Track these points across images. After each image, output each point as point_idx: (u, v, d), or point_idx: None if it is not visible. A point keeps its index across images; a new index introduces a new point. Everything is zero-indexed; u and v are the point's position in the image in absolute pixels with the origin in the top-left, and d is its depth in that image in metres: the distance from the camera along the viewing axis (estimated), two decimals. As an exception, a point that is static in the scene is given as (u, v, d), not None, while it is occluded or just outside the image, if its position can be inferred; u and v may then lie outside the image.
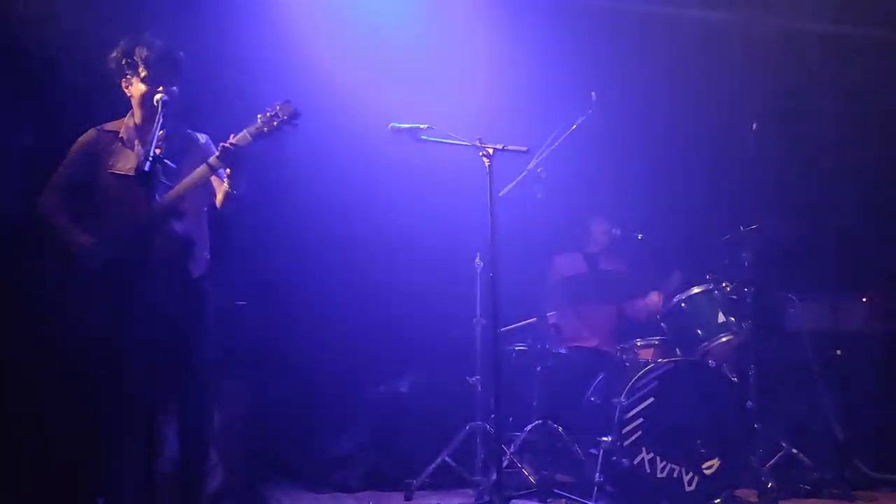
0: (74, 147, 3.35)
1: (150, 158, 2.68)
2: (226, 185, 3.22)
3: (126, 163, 3.22)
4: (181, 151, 3.25)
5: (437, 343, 4.82)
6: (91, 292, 3.15)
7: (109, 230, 3.18)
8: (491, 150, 3.65)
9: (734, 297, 4.38)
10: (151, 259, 2.82)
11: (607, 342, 4.96)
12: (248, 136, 3.14)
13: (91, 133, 3.35)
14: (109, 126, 3.35)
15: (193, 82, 3.37)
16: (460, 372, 4.51)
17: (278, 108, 3.14)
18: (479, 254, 4.47)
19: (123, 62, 3.24)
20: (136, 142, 3.27)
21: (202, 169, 3.16)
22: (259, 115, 3.16)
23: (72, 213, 3.27)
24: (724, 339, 4.29)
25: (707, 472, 3.96)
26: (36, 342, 3.87)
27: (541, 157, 4.23)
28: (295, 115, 3.14)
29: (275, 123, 3.13)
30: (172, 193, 3.14)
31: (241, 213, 3.37)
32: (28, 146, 4.23)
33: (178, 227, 3.20)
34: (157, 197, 2.87)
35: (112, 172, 3.23)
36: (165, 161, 2.83)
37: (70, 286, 3.22)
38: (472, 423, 4.34)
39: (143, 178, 2.67)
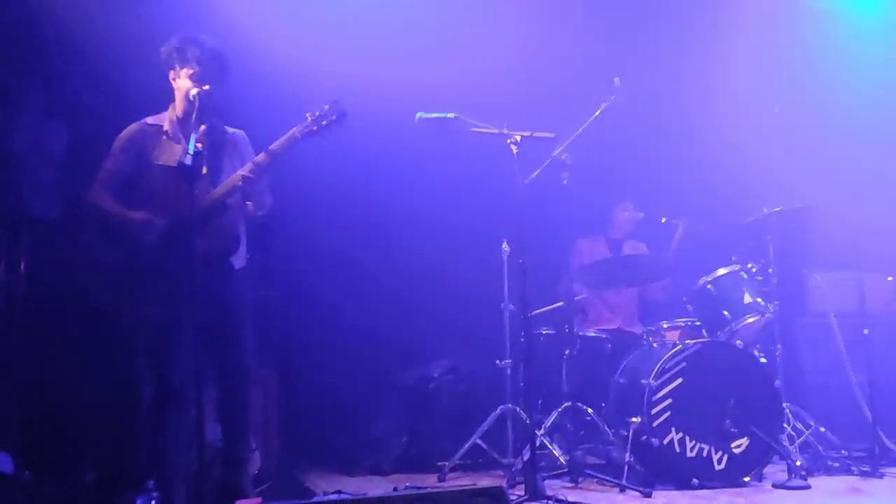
0: (118, 140, 3.44)
1: (192, 153, 2.76)
2: (249, 206, 3.34)
3: (171, 155, 3.31)
4: (220, 148, 3.34)
5: (466, 328, 4.91)
6: (143, 280, 3.25)
7: (159, 218, 3.28)
8: (519, 138, 3.70)
9: (760, 278, 4.43)
10: (199, 250, 2.91)
11: (629, 323, 5.02)
12: (296, 134, 3.22)
13: (134, 127, 3.44)
14: (152, 120, 3.45)
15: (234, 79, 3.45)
16: (490, 356, 4.59)
17: (327, 107, 3.23)
18: (505, 240, 4.54)
19: (175, 55, 3.33)
20: (180, 135, 3.36)
21: (236, 177, 3.26)
22: (308, 114, 3.24)
23: (120, 203, 3.38)
24: (750, 320, 4.33)
25: (736, 450, 4.02)
26: (91, 328, 4.02)
27: (566, 144, 4.26)
28: (343, 115, 3.22)
29: (324, 122, 3.22)
30: (220, 189, 3.24)
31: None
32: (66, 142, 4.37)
33: (225, 221, 3.30)
34: (197, 190, 2.95)
35: (158, 164, 3.33)
36: (206, 155, 2.91)
37: (122, 274, 3.32)
38: (503, 406, 4.42)
39: (186, 172, 2.76)
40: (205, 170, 2.94)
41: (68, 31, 4.45)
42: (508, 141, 3.72)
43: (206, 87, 3.28)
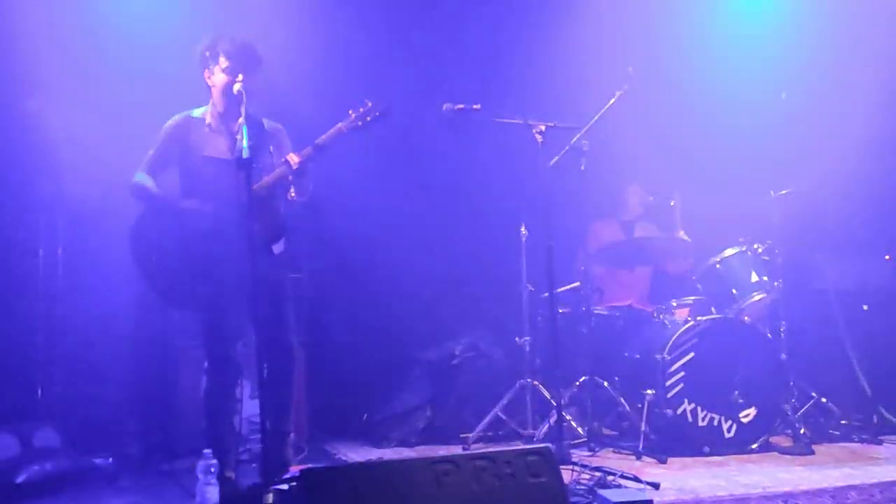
0: (164, 130, 3.62)
1: (248, 146, 2.95)
2: (292, 192, 3.49)
3: (217, 147, 3.49)
4: (262, 140, 3.52)
5: (487, 308, 5.12)
6: (194, 260, 3.44)
7: (208, 207, 3.47)
8: (543, 128, 3.90)
9: (766, 257, 4.67)
10: (248, 236, 3.11)
11: (641, 301, 5.24)
12: (342, 129, 3.39)
13: (178, 118, 3.62)
14: (195, 112, 3.63)
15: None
16: (510, 334, 4.82)
17: (370, 104, 3.37)
18: (524, 223, 4.74)
19: (207, 54, 3.50)
20: (223, 128, 3.54)
21: (282, 169, 3.44)
22: (351, 111, 3.40)
23: (163, 189, 3.57)
24: (757, 298, 4.59)
25: (744, 420, 4.28)
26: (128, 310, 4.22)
27: (583, 131, 4.45)
28: (387, 111, 3.37)
29: (368, 118, 3.37)
30: (268, 179, 3.43)
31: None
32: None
33: (271, 208, 3.49)
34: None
35: (205, 156, 3.51)
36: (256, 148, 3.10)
37: (175, 255, 3.49)
38: (522, 381, 4.65)
39: (244, 165, 2.95)
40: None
41: (104, 19, 4.62)
42: (534, 131, 3.91)
43: (240, 78, 3.40)
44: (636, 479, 3.41)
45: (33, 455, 4.10)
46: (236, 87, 3.40)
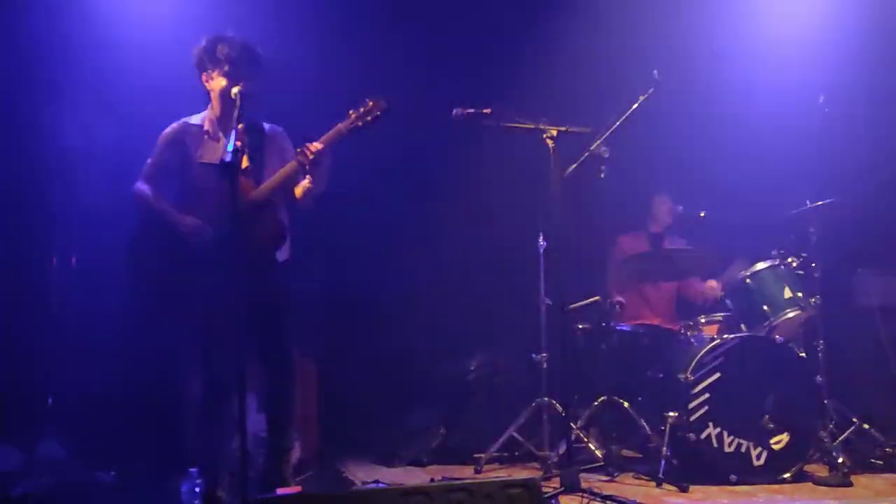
0: (161, 138, 3.55)
1: (233, 150, 2.84)
2: (307, 182, 3.37)
3: (214, 153, 3.40)
4: (260, 143, 3.42)
5: (503, 322, 4.94)
6: (192, 274, 3.34)
7: (206, 215, 3.37)
8: (555, 133, 3.71)
9: (801, 272, 4.37)
10: (247, 244, 3.00)
11: (668, 320, 4.99)
12: (342, 130, 3.27)
13: (176, 125, 3.54)
14: (193, 119, 3.54)
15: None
16: (526, 350, 4.62)
17: (371, 103, 3.25)
18: (541, 234, 4.55)
19: (205, 58, 3.41)
20: (220, 134, 3.45)
21: (291, 165, 3.33)
22: (351, 111, 3.28)
23: (164, 198, 3.49)
24: (791, 315, 4.29)
25: (776, 447, 3.98)
26: (140, 319, 4.16)
27: (603, 138, 4.25)
28: (385, 110, 3.25)
29: (368, 119, 3.25)
30: (267, 185, 3.32)
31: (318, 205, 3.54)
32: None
33: (271, 214, 3.38)
34: (242, 186, 3.03)
35: (201, 162, 3.43)
36: (249, 153, 2.99)
37: (172, 268, 3.41)
38: (539, 399, 4.44)
39: (226, 169, 2.84)
40: (246, 162, 3.00)
41: (118, 27, 4.61)
42: (545, 136, 3.73)
43: (241, 83, 3.29)
44: (650, 510, 3.17)
45: (36, 467, 4.06)
46: (234, 90, 3.30)
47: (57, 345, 4.61)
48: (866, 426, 4.32)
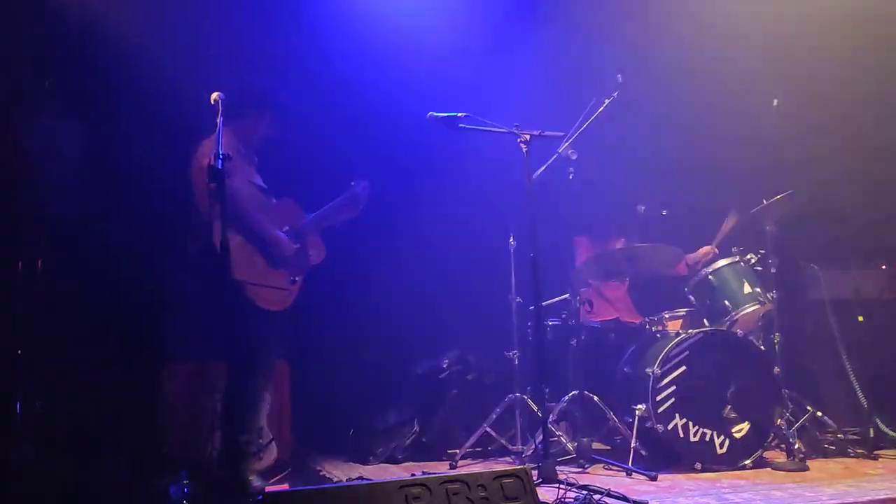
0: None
1: (222, 156, 2.88)
2: None
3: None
4: None
5: (475, 321, 5.04)
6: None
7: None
8: (528, 137, 3.82)
9: (759, 268, 4.58)
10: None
11: (627, 314, 5.15)
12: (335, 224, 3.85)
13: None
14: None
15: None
16: (498, 347, 4.73)
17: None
18: (512, 235, 4.66)
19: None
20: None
21: None
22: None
23: None
24: (750, 310, 4.49)
25: (737, 435, 4.18)
26: (110, 324, 4.14)
27: (570, 140, 4.38)
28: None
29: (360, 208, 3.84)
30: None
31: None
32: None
33: None
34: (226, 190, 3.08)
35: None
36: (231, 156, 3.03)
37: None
38: (511, 395, 4.56)
39: (213, 175, 2.87)
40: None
41: (87, 31, 4.55)
42: (518, 140, 3.84)
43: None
44: (624, 498, 3.31)
45: (10, 474, 4.01)
46: (214, 95, 3.34)
47: (27, 347, 4.55)
48: (820, 414, 4.56)
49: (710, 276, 4.58)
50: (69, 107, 4.54)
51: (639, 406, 4.21)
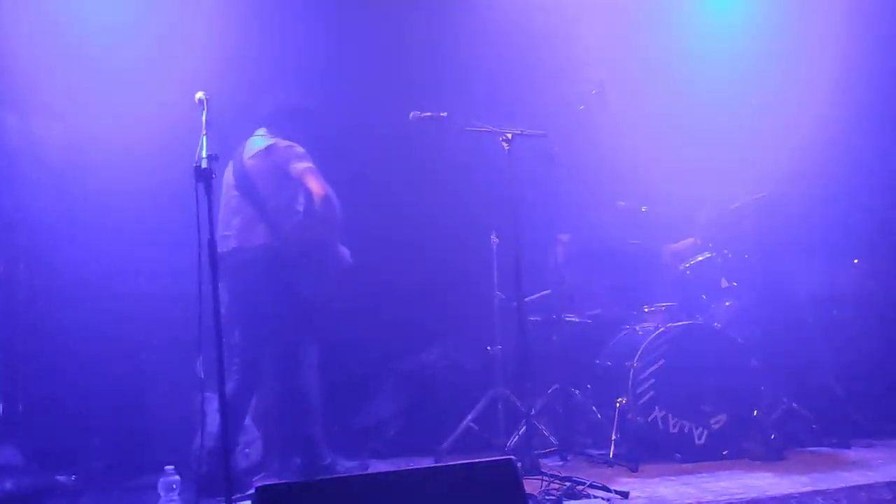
0: None
1: (207, 156, 2.90)
2: None
3: None
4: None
5: (458, 317, 5.08)
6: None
7: None
8: (510, 135, 3.87)
9: (736, 262, 4.67)
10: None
11: (608, 308, 5.22)
12: None
13: None
14: None
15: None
16: (481, 343, 4.78)
17: None
18: (494, 231, 4.71)
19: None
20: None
21: None
22: None
23: None
24: (727, 303, 4.58)
25: (715, 426, 4.27)
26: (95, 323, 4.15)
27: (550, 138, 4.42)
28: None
29: None
30: None
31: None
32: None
33: None
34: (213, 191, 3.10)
35: None
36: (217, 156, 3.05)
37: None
38: (494, 390, 4.62)
39: (202, 175, 2.89)
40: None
41: (64, 29, 4.55)
42: (500, 139, 3.89)
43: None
44: (605, 489, 3.39)
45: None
46: (198, 95, 3.34)
47: (8, 350, 4.54)
48: (795, 405, 4.65)
49: (687, 271, 4.67)
50: (48, 106, 4.54)
51: (619, 399, 4.28)
